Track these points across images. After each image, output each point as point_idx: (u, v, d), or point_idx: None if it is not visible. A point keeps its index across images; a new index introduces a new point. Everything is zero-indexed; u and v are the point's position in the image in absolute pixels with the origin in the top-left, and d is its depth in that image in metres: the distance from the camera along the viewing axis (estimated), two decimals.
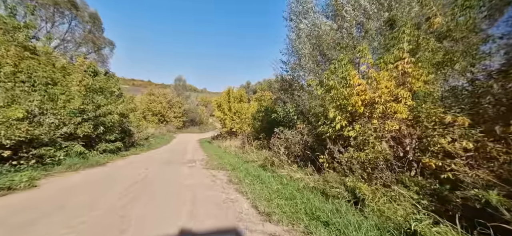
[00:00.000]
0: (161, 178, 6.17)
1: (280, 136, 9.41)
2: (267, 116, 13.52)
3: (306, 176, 5.46)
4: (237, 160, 10.22)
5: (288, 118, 9.30)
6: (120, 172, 6.62)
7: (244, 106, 21.80)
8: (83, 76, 9.27)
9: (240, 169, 7.50)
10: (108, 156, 9.43)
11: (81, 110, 8.58)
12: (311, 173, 5.83)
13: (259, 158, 9.50)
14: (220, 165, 8.95)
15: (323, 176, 4.65)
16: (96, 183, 5.13)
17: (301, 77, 9.55)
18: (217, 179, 6.35)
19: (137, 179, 5.76)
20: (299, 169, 6.19)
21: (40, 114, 6.17)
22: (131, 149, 13.82)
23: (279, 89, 10.39)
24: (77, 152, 7.15)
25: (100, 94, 10.28)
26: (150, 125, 29.57)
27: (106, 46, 20.39)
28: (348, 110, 4.50)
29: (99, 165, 7.45)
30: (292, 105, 9.01)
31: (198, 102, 52.17)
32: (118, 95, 12.68)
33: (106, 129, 10.08)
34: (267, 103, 15.11)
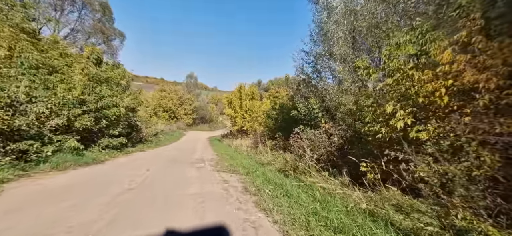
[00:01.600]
0: (162, 184, 5.03)
1: (300, 135, 8.10)
2: (283, 113, 12.20)
3: (345, 189, 4.12)
4: (251, 162, 8.99)
5: (311, 115, 7.95)
6: (116, 173, 5.55)
7: (256, 103, 20.56)
8: (85, 64, 8.35)
9: (256, 174, 6.25)
10: (110, 153, 8.47)
11: (81, 100, 7.64)
12: (346, 185, 4.49)
13: (276, 161, 8.22)
14: (232, 167, 7.75)
15: (379, 195, 3.30)
16: (77, 189, 4.03)
17: (326, 68, 8.17)
18: (229, 186, 5.13)
19: (132, 184, 4.64)
20: (331, 178, 4.85)
21: (27, 102, 5.22)
22: (138, 145, 12.94)
23: (300, 82, 9.05)
24: (71, 147, 6.19)
25: (104, 85, 9.36)
26: (161, 122, 29.01)
27: (116, 37, 19.73)
28: (417, 103, 3.12)
29: (95, 163, 6.45)
30: (315, 101, 7.66)
31: (208, 100, 51.56)
32: (125, 87, 11.78)
33: (110, 123, 9.15)
34: (282, 100, 13.78)
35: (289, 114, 11.51)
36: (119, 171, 5.85)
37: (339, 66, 6.53)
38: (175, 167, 7.30)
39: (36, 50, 7.02)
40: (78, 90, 7.20)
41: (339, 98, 6.98)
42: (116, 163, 7.02)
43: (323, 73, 8.24)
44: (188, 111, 36.65)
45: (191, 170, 7.01)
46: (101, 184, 4.52)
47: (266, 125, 14.17)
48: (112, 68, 9.73)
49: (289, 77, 11.41)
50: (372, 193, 3.38)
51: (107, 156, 7.91)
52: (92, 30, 17.06)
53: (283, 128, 11.71)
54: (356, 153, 4.66)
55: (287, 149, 8.75)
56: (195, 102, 39.81)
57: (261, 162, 8.96)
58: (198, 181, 5.44)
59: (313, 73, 8.85)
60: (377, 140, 3.93)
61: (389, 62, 3.28)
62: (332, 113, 7.63)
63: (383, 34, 5.45)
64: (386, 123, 3.51)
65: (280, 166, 7.43)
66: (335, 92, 6.95)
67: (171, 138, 21.96)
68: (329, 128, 7.10)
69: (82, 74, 8.29)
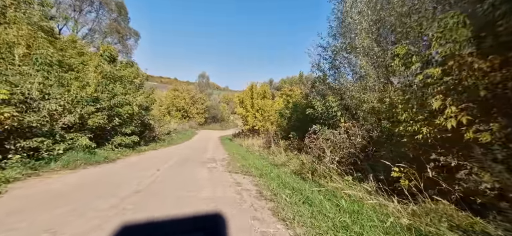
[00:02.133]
0: (172, 186, 4.73)
1: (316, 135, 7.56)
2: (297, 112, 11.66)
3: (378, 198, 3.58)
4: (263, 163, 8.56)
5: (328, 114, 7.38)
6: (126, 173, 5.34)
7: (268, 102, 20.11)
8: (98, 61, 8.32)
9: (271, 176, 5.82)
10: (122, 151, 8.40)
11: (94, 98, 7.58)
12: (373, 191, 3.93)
13: (291, 162, 7.72)
14: (245, 168, 7.37)
15: (423, 208, 2.73)
16: (82, 191, 3.78)
17: (346, 64, 7.55)
18: (243, 189, 4.73)
19: (141, 185, 4.37)
20: (355, 183, 4.30)
21: (40, 99, 5.14)
22: (151, 143, 12.95)
23: (316, 79, 8.48)
24: (83, 145, 6.10)
25: (118, 83, 9.33)
26: (173, 120, 29.36)
27: (131, 37, 20.11)
28: (476, 97, 2.53)
29: (106, 162, 6.32)
30: (334, 98, 7.08)
31: (220, 99, 51.76)
32: (138, 85, 11.78)
33: (123, 121, 9.11)
34: (296, 99, 13.22)
35: (304, 113, 10.95)
36: (128, 171, 5.64)
37: (362, 60, 5.92)
38: (186, 167, 7.03)
39: (53, 48, 7.04)
40: (91, 87, 7.13)
41: (361, 95, 6.36)
42: (127, 162, 6.87)
43: (342, 69, 7.63)
44: (200, 110, 36.91)
45: (202, 170, 6.71)
46: (108, 185, 4.28)
47: (278, 125, 13.69)
48: (126, 66, 9.70)
49: (303, 75, 10.84)
50: (414, 205, 2.82)
51: (119, 154, 7.82)
52: (108, 29, 17.44)
53: (297, 127, 11.18)
54: (386, 155, 4.08)
55: (302, 150, 8.23)
56: (207, 101, 40.05)
57: (274, 163, 8.51)
58: (210, 184, 5.09)
59: (330, 69, 8.26)
60: (415, 142, 3.36)
61: (439, 47, 2.69)
62: (352, 111, 7.02)
63: (414, 23, 4.80)
64: (430, 121, 2.93)
65: (295, 168, 6.94)
66: (357, 88, 6.34)
67: (184, 137, 22.05)
68: (349, 128, 6.51)
69: (96, 72, 8.26)
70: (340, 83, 7.84)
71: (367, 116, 6.38)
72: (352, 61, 7.16)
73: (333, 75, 8.25)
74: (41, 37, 6.85)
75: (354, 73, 7.16)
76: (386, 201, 3.16)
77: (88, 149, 6.34)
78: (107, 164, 6.07)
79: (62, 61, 6.89)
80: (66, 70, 7.46)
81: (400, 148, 3.59)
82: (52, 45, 7.37)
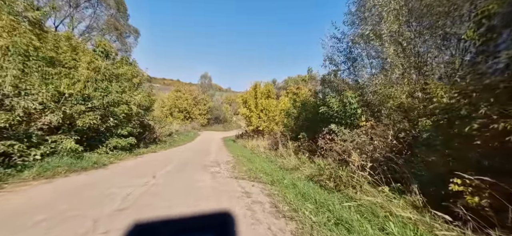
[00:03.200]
0: (168, 197, 3.86)
1: (331, 136, 6.66)
2: (306, 111, 10.76)
3: (434, 220, 2.68)
4: (272, 167, 7.68)
5: (346, 112, 6.48)
6: (115, 181, 4.47)
7: (272, 102, 19.22)
8: (91, 57, 7.52)
9: (284, 183, 4.94)
10: (117, 155, 7.57)
11: (85, 96, 6.77)
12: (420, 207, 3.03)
13: (304, 167, 6.83)
14: (252, 173, 6.50)
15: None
16: (51, 209, 2.87)
17: (364, 56, 6.66)
18: (253, 202, 3.85)
19: (128, 199, 3.50)
20: (396, 196, 3.39)
21: (14, 95, 4.34)
22: (151, 145, 12.13)
23: (330, 72, 7.58)
24: (68, 149, 5.27)
25: (113, 81, 8.52)
26: (176, 122, 28.57)
27: (131, 34, 19.26)
28: None
29: (95, 167, 5.48)
30: (353, 94, 6.18)
31: (222, 100, 50.98)
32: (137, 85, 10.97)
33: (119, 122, 8.29)
34: (303, 97, 12.32)
35: (314, 112, 10.04)
36: (119, 178, 4.78)
37: (389, 48, 5.02)
38: (186, 173, 6.17)
39: (38, 40, 6.25)
40: (80, 84, 6.32)
41: (385, 90, 5.46)
42: (120, 168, 6.02)
43: (359, 61, 6.73)
44: (202, 111, 36.11)
45: (204, 176, 5.84)
46: (85, 200, 3.41)
47: (285, 125, 12.78)
48: (121, 62, 8.92)
49: (312, 71, 9.93)
50: None
51: (113, 158, 6.98)
52: (106, 25, 16.64)
53: (306, 127, 10.28)
54: (438, 161, 3.17)
55: (315, 152, 7.34)
56: (210, 102, 39.26)
57: (284, 167, 7.62)
58: (213, 194, 4.22)
59: (345, 62, 7.36)
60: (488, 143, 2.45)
61: None
62: (373, 108, 6.11)
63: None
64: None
65: (311, 173, 6.05)
66: (381, 82, 5.44)
67: (186, 138, 21.24)
68: (372, 127, 5.60)
69: (88, 68, 7.46)
70: (358, 77, 6.95)
71: (393, 113, 5.48)
72: (372, 52, 6.27)
73: (349, 68, 7.35)
74: (25, 29, 6.07)
75: (375, 65, 6.27)
76: (435, 223, 2.25)
77: (75, 153, 5.51)
78: (96, 171, 5.23)
79: (51, 57, 6.08)
80: (52, 65, 6.66)
81: (466, 152, 2.69)
82: (39, 37, 6.60)
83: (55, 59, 7.01)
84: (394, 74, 5.17)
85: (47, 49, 6.84)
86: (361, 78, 6.76)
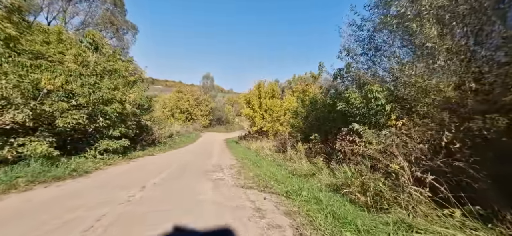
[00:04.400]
0: (155, 222, 2.88)
1: (351, 138, 5.66)
2: (316, 110, 9.75)
3: None
4: (283, 172, 6.68)
5: (369, 109, 5.47)
6: (89, 198, 3.45)
7: (277, 102, 18.22)
8: (78, 49, 6.58)
9: (303, 197, 3.93)
10: (107, 159, 6.61)
11: (68, 93, 5.83)
12: None
13: (322, 173, 5.82)
14: (261, 180, 5.51)
15: None
16: None
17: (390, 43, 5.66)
18: (271, 227, 2.83)
19: (97, 227, 2.52)
20: (481, 228, 2.35)
21: None
22: (149, 148, 11.18)
23: (350, 63, 6.54)
24: (38, 154, 4.29)
25: (106, 76, 7.58)
26: (177, 123, 27.66)
27: (128, 31, 18.21)
28: None
29: (73, 176, 4.49)
30: (379, 88, 5.17)
31: (224, 101, 50.05)
32: (132, 82, 10.03)
33: (111, 122, 7.34)
34: (312, 96, 11.29)
35: (326, 110, 9.05)
36: (97, 192, 3.79)
37: (430, 30, 4.01)
38: (184, 181, 5.19)
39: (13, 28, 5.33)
40: (61, 78, 5.38)
41: (423, 82, 4.44)
42: (105, 175, 5.03)
43: (386, 49, 5.72)
44: (204, 112, 35.17)
45: (206, 185, 4.85)
46: (29, 230, 2.43)
47: (292, 125, 11.77)
48: (114, 56, 7.98)
49: (324, 67, 8.95)
50: None
51: (101, 163, 6.01)
52: (101, 20, 15.69)
53: (317, 128, 9.26)
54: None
55: (330, 156, 6.31)
56: (212, 103, 38.33)
57: (296, 173, 6.62)
58: (215, 213, 3.22)
59: (365, 53, 6.34)
60: None
61: None
62: (406, 104, 5.09)
63: None
64: None
65: (331, 182, 5.04)
66: (418, 72, 4.42)
67: (187, 140, 20.28)
68: (408, 126, 4.58)
69: (76, 62, 6.52)
70: (382, 68, 5.94)
71: (433, 110, 4.45)
72: (402, 38, 5.25)
73: (370, 59, 6.33)
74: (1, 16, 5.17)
75: (406, 53, 5.25)
76: None
77: (48, 159, 4.55)
78: (72, 181, 4.25)
79: (33, 49, 5.16)
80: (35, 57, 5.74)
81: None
82: (18, 27, 5.69)
83: (38, 52, 6.11)
84: (438, 61, 4.15)
85: (27, 40, 5.94)
86: (385, 70, 5.75)
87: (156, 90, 55.98)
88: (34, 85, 5.07)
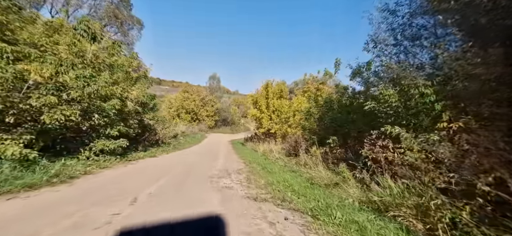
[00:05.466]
0: None
1: (384, 143, 4.68)
2: (332, 110, 8.76)
3: None
4: (299, 180, 5.73)
5: (409, 109, 4.48)
6: (55, 217, 2.60)
7: (285, 103, 17.24)
8: (72, 39, 5.85)
9: (337, 219, 2.98)
10: (101, 161, 5.82)
11: (58, 85, 5.08)
12: None
13: (346, 183, 4.84)
14: (275, 190, 4.62)
15: None
16: None
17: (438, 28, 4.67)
18: None
19: None
20: None
21: None
22: (152, 149, 10.41)
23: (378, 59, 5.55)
24: (9, 157, 3.49)
25: (106, 70, 6.83)
26: (182, 123, 27.01)
27: (134, 26, 17.50)
28: None
29: (52, 183, 3.67)
30: (428, 82, 4.17)
31: (230, 102, 49.31)
32: (135, 78, 9.29)
33: (109, 120, 6.57)
34: (327, 95, 10.29)
35: (346, 111, 8.06)
36: (73, 207, 2.93)
37: None
38: (186, 190, 4.31)
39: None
40: (50, 68, 4.63)
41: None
42: (92, 182, 4.19)
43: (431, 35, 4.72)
44: (210, 113, 34.46)
45: (211, 197, 3.97)
46: None
47: (303, 127, 10.79)
48: (113, 47, 7.24)
49: (340, 63, 7.98)
50: None
51: (93, 166, 5.22)
52: (105, 13, 15.06)
53: (333, 130, 8.27)
54: None
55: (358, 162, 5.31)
56: (217, 103, 37.63)
57: (315, 181, 5.66)
58: None
59: (399, 44, 5.35)
60: None
61: None
62: (460, 103, 4.06)
63: None
64: None
65: (363, 196, 4.06)
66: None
67: (192, 140, 19.54)
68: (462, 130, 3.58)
69: (69, 52, 5.79)
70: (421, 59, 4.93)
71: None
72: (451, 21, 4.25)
73: (405, 50, 5.34)
74: None
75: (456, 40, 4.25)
76: None
77: (25, 162, 3.76)
78: (50, 189, 3.42)
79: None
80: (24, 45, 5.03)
81: None
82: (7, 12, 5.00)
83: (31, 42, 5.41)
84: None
85: (16, 27, 5.25)
86: (428, 61, 4.74)
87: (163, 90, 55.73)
88: (17, 76, 4.33)
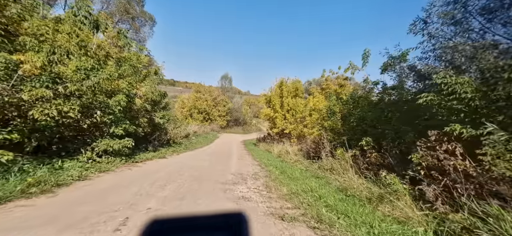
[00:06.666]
0: None
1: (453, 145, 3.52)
2: (361, 108, 7.56)
3: None
4: (330, 190, 4.66)
5: (490, 101, 3.28)
6: None
7: (301, 102, 16.08)
8: (72, 26, 5.19)
9: None
10: (103, 163, 5.10)
11: (54, 76, 4.41)
12: None
13: (397, 198, 3.69)
14: (304, 203, 3.62)
15: None
16: None
17: None
18: None
19: None
20: None
21: None
22: (162, 149, 9.75)
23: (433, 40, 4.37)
24: None
25: (110, 62, 6.17)
26: (195, 123, 26.58)
27: (146, 22, 17.03)
28: None
29: (29, 195, 2.88)
30: None
31: (242, 102, 48.61)
32: (144, 75, 8.64)
33: (114, 117, 5.90)
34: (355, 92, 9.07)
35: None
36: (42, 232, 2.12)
37: None
38: (193, 204, 3.42)
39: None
40: (41, 56, 3.95)
41: None
42: (83, 192, 3.40)
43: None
44: (222, 113, 33.89)
45: None
46: None
47: (324, 127, 9.63)
48: (118, 38, 6.60)
49: (369, 53, 6.75)
50: None
51: (91, 170, 4.49)
52: (116, 9, 14.66)
53: (361, 131, 7.10)
54: None
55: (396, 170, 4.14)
56: (229, 103, 37.01)
57: (349, 192, 4.55)
58: None
59: (461, 23, 4.13)
60: None
61: None
62: None
63: None
64: None
65: (432, 222, 2.92)
66: None
67: (204, 140, 18.90)
68: None
69: (69, 42, 5.13)
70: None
71: None
72: None
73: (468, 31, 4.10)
74: None
75: None
76: None
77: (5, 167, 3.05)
78: (24, 202, 2.58)
79: None
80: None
81: None
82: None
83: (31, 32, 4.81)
84: None
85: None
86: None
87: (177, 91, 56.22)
88: (6, 66, 3.67)
